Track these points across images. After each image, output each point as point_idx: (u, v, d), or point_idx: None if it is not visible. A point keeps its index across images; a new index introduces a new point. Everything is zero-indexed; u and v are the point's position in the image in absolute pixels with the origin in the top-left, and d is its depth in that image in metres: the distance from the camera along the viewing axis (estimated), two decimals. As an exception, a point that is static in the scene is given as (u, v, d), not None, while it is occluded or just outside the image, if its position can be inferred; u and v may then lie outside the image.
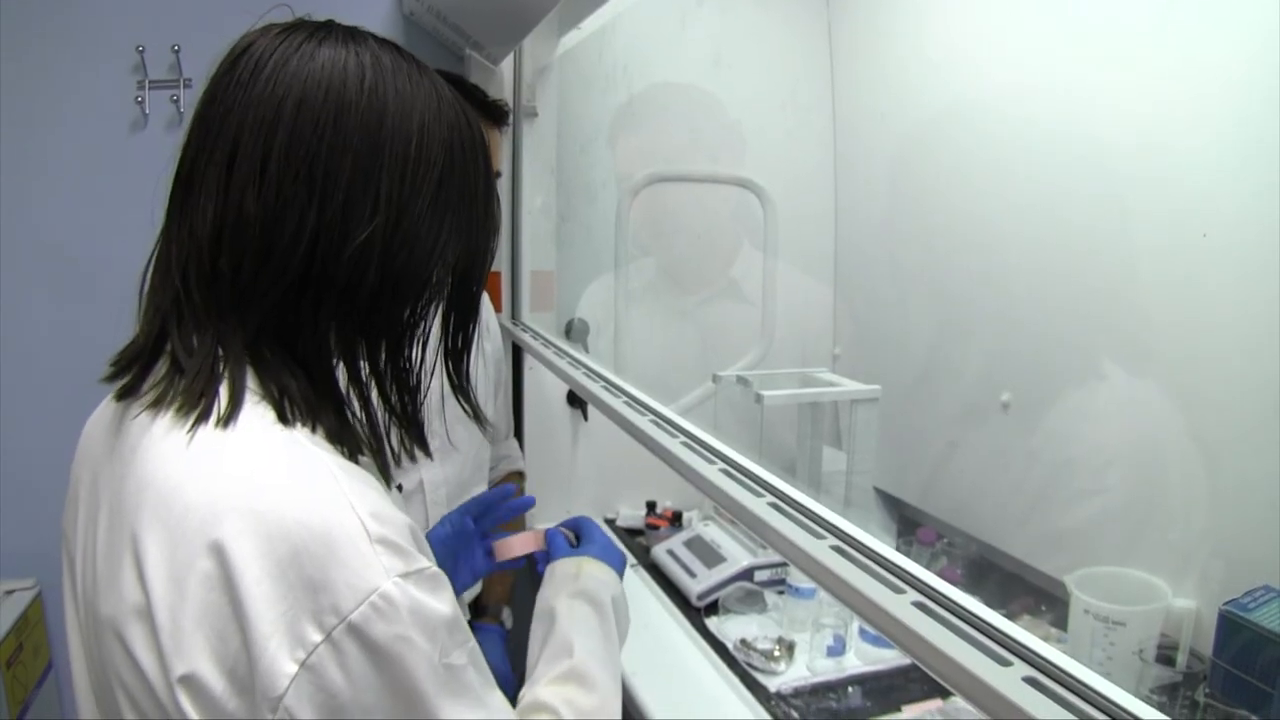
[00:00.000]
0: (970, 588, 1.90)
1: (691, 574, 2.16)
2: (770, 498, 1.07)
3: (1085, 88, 1.63)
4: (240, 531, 0.69)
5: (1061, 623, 1.65)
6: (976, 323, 1.97)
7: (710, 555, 2.21)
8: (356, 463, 0.82)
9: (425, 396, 0.94)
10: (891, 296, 2.31)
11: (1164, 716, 0.65)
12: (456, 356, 0.97)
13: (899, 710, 1.71)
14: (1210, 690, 1.08)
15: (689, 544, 2.30)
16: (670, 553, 2.29)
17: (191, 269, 0.81)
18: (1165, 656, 1.44)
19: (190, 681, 0.70)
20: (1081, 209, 1.65)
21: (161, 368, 0.83)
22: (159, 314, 0.83)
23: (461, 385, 0.98)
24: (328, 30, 0.85)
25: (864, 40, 2.38)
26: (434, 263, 0.86)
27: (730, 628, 1.99)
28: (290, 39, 0.83)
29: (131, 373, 0.86)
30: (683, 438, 1.30)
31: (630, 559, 2.36)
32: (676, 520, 2.55)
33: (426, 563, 0.74)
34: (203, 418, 0.76)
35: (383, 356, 0.88)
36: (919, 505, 2.24)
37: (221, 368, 0.79)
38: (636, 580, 2.30)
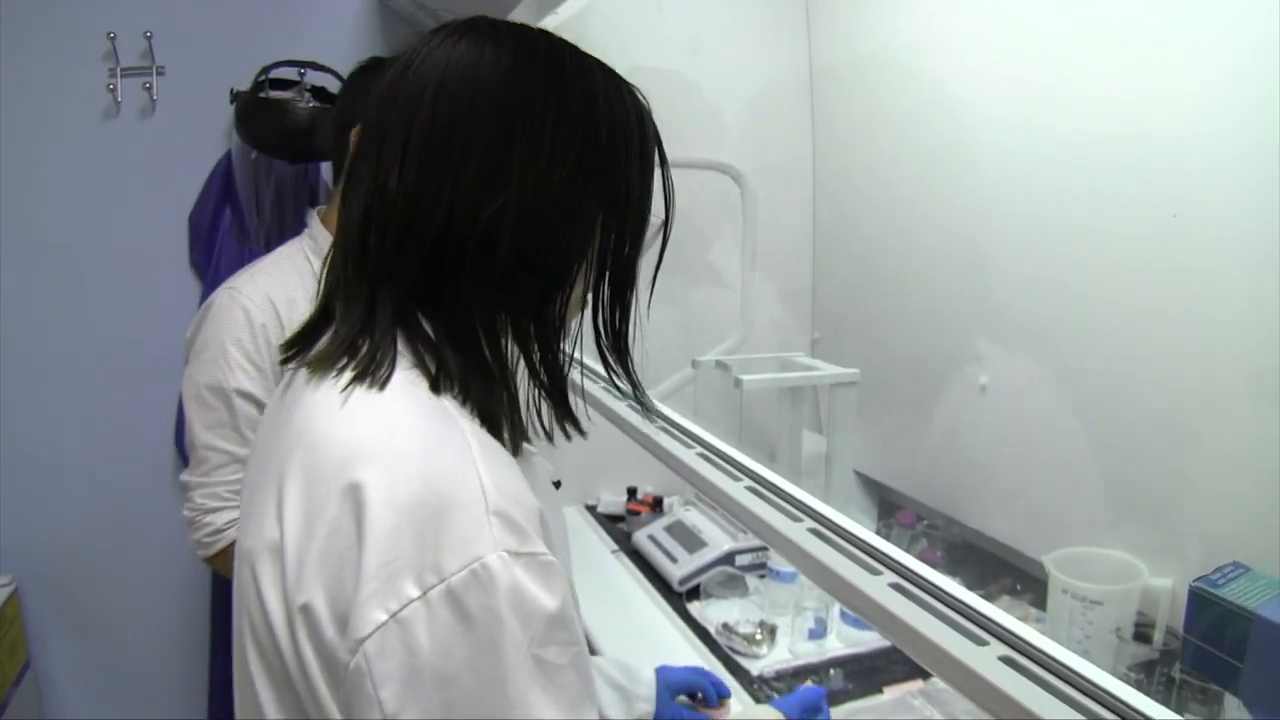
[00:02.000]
0: (950, 569, 1.91)
1: (673, 559, 2.17)
2: (748, 481, 1.07)
3: (1064, 73, 1.64)
4: (372, 478, 0.72)
5: (1040, 603, 1.65)
6: (955, 306, 1.98)
7: (691, 540, 2.21)
8: (503, 442, 0.85)
9: (569, 373, 0.95)
10: (870, 281, 2.32)
11: (1129, 688, 0.66)
12: (614, 332, 0.97)
13: (881, 692, 1.72)
14: (1183, 665, 1.09)
15: (670, 529, 2.30)
16: (651, 538, 2.30)
17: (347, 250, 0.87)
18: (1142, 634, 1.45)
19: (308, 613, 0.72)
20: (1058, 194, 1.66)
21: (328, 338, 0.88)
22: (327, 292, 0.91)
23: (622, 359, 0.98)
24: (471, 25, 0.88)
25: (842, 24, 2.38)
26: (573, 235, 0.87)
27: (712, 612, 2.00)
28: (437, 36, 0.88)
29: (301, 344, 0.92)
30: (661, 422, 1.30)
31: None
32: (657, 506, 2.55)
33: (542, 549, 0.74)
34: (358, 379, 0.81)
35: (528, 330, 0.89)
36: (899, 488, 2.25)
37: (373, 335, 0.84)
38: (618, 566, 2.30)
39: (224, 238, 2.53)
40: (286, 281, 1.72)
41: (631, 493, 2.59)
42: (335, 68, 2.40)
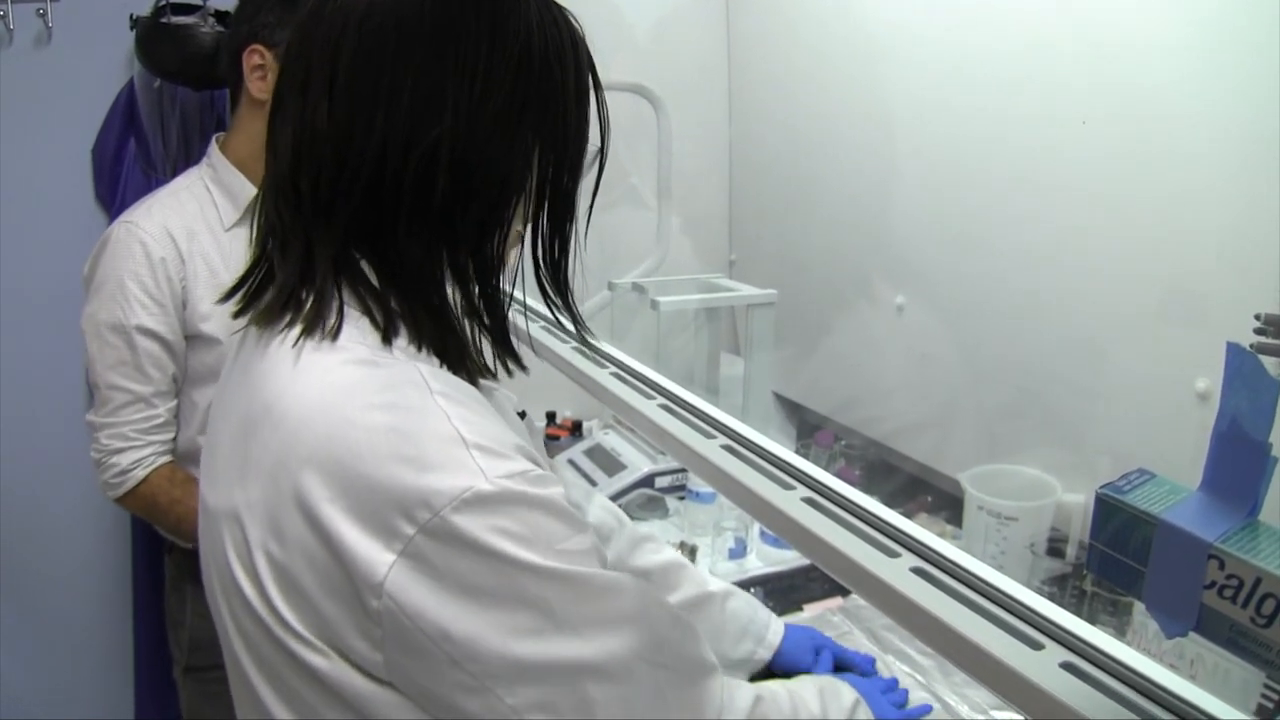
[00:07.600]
0: (868, 488, 1.92)
1: (593, 483, 2.16)
2: (661, 399, 1.06)
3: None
4: (317, 481, 0.72)
5: (957, 520, 1.68)
6: (871, 227, 1.98)
7: (611, 463, 2.21)
8: (462, 376, 0.85)
9: (510, 305, 0.93)
10: (787, 202, 2.31)
11: (1036, 595, 0.66)
12: (554, 264, 0.94)
13: (801, 609, 1.74)
14: (1088, 571, 1.11)
15: (589, 453, 2.30)
16: (571, 463, 2.29)
17: (278, 193, 0.84)
18: (1055, 549, 1.49)
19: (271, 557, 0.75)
20: (973, 111, 1.66)
21: (272, 291, 0.86)
22: (261, 237, 0.87)
23: (562, 292, 0.95)
24: None
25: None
26: (510, 165, 0.84)
27: (632, 535, 2.00)
28: None
29: (243, 292, 0.89)
30: (574, 343, 1.29)
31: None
32: (576, 430, 2.55)
33: (529, 465, 0.74)
34: (306, 334, 0.79)
35: (466, 266, 0.86)
36: (817, 409, 2.26)
37: (314, 284, 0.81)
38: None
39: (129, 169, 2.44)
40: (185, 212, 1.68)
41: (551, 417, 2.58)
42: (237, -10, 2.31)
